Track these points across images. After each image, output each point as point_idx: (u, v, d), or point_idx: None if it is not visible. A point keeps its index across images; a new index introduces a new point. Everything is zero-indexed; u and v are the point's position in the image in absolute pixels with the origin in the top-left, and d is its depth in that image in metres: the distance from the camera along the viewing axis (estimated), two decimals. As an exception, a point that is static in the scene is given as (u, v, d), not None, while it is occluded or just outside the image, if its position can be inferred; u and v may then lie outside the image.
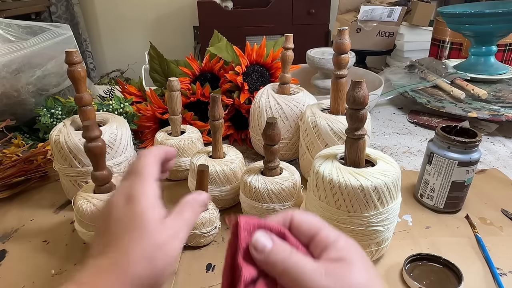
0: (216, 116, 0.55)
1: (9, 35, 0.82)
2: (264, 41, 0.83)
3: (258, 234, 0.27)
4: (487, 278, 0.46)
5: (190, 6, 2.71)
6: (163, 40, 2.72)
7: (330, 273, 0.25)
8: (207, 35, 1.29)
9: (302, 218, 0.29)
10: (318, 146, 0.61)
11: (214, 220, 0.53)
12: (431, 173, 0.57)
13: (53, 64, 0.82)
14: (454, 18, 1.07)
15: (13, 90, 0.77)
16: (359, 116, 0.42)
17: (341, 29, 0.57)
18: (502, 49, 1.20)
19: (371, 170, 0.44)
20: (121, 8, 2.76)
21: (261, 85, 0.80)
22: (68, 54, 0.51)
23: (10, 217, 0.61)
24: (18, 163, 0.66)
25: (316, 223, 0.29)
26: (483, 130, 0.87)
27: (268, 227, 0.28)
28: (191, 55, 0.83)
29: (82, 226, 0.50)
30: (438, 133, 0.56)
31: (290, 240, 0.28)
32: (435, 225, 0.56)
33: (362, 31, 1.63)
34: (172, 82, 0.63)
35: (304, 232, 0.29)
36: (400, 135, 0.87)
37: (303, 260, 0.26)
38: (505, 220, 0.57)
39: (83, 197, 0.50)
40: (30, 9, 2.37)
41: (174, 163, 0.37)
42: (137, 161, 0.33)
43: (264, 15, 2.27)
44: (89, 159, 0.56)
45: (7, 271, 0.50)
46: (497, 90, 0.99)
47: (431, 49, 1.38)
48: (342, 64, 0.58)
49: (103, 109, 0.74)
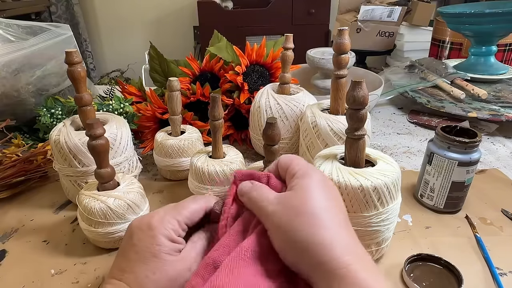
0: (216, 116, 0.55)
1: (9, 35, 0.82)
2: (264, 41, 0.83)
3: (244, 182, 0.35)
4: (487, 278, 0.46)
5: (190, 6, 2.71)
6: (163, 40, 2.72)
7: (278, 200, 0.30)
8: (207, 35, 1.29)
9: (282, 157, 0.35)
10: (318, 146, 0.61)
11: None
12: (431, 173, 0.57)
13: (53, 64, 0.82)
14: (454, 18, 1.07)
15: (13, 90, 0.77)
16: (359, 116, 0.42)
17: (341, 29, 0.57)
18: (502, 49, 1.20)
19: (371, 170, 0.44)
20: (121, 8, 2.76)
21: (261, 85, 0.80)
22: (68, 54, 0.51)
23: (10, 217, 0.61)
24: (18, 163, 0.66)
25: (288, 157, 0.34)
26: (483, 130, 0.87)
27: (257, 175, 0.35)
28: (191, 55, 0.83)
29: (90, 224, 0.50)
30: (438, 133, 0.56)
31: (271, 181, 0.35)
32: (435, 225, 0.56)
33: (362, 31, 1.63)
34: (172, 82, 0.63)
35: (282, 168, 0.34)
36: (400, 135, 0.87)
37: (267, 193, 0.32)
38: (505, 220, 0.57)
39: (88, 195, 0.50)
40: (30, 9, 2.37)
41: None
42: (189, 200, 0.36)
43: (264, 15, 2.27)
44: (89, 159, 0.57)
45: (7, 271, 0.50)
46: (497, 90, 0.99)
47: (431, 49, 1.38)
48: (342, 64, 0.58)
49: (103, 109, 0.74)
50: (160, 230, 0.32)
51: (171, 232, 0.32)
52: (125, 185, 0.52)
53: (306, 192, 0.30)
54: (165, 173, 0.70)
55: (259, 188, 0.33)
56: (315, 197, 0.29)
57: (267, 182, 0.34)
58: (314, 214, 0.28)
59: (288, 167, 0.33)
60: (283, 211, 0.29)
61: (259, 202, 0.31)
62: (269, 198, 0.31)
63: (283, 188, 0.34)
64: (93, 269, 0.49)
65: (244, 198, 0.33)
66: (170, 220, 0.33)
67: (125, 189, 0.51)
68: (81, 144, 0.56)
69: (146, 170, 0.74)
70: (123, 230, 0.51)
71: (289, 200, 0.30)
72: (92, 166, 0.57)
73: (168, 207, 0.35)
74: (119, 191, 0.51)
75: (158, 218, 0.33)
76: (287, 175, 0.33)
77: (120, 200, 0.50)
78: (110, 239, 0.51)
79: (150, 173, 0.73)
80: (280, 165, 0.34)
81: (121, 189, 0.51)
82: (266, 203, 0.31)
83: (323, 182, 0.31)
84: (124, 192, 0.51)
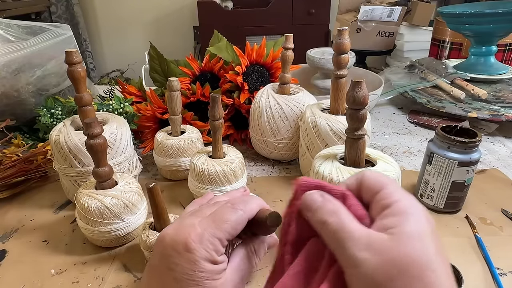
0: (216, 116, 0.55)
1: (9, 35, 0.82)
2: (264, 41, 0.83)
3: (310, 192, 0.26)
4: (487, 278, 0.46)
5: (190, 6, 2.71)
6: (163, 40, 2.72)
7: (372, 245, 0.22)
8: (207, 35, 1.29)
9: (370, 175, 0.26)
10: (318, 146, 0.61)
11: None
12: (431, 173, 0.57)
13: (53, 64, 0.82)
14: (454, 18, 1.07)
15: (13, 90, 0.77)
16: (359, 116, 0.42)
17: (341, 29, 0.57)
18: (502, 49, 1.20)
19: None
20: (121, 8, 2.76)
21: (261, 85, 0.80)
22: (68, 54, 0.51)
23: (10, 217, 0.61)
24: (18, 163, 0.66)
25: (381, 179, 0.26)
26: (483, 130, 0.87)
27: (328, 188, 0.26)
28: (191, 55, 0.83)
29: (87, 223, 0.50)
30: (438, 133, 0.56)
31: (349, 202, 0.25)
32: (435, 225, 0.56)
33: (362, 31, 1.63)
34: (172, 82, 0.63)
35: (369, 190, 0.26)
36: (400, 135, 0.87)
37: (349, 223, 0.23)
38: (505, 220, 0.57)
39: (86, 194, 0.50)
40: (30, 9, 2.37)
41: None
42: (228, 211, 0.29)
43: (264, 15, 2.27)
44: (89, 159, 0.57)
45: (7, 271, 0.50)
46: (497, 90, 0.99)
47: (431, 49, 1.38)
48: (342, 64, 0.58)
49: (103, 109, 0.74)
50: (201, 253, 0.26)
51: (213, 253, 0.27)
52: (123, 184, 0.52)
53: (414, 243, 0.22)
54: (165, 173, 0.70)
55: (336, 210, 0.24)
56: (427, 253, 0.22)
57: (343, 202, 0.25)
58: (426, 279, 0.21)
59: (379, 192, 0.25)
60: (380, 265, 0.21)
61: (338, 233, 0.23)
62: (355, 234, 0.23)
63: (366, 217, 0.24)
64: (93, 269, 0.49)
65: (312, 217, 0.25)
66: (210, 239, 0.27)
67: (122, 189, 0.51)
68: (81, 144, 0.56)
69: (146, 170, 0.74)
70: (120, 229, 0.51)
71: (389, 250, 0.21)
72: (92, 166, 0.57)
73: (204, 221, 0.28)
74: (117, 190, 0.51)
75: (196, 237, 0.27)
76: (376, 203, 0.25)
77: (117, 199, 0.50)
78: (107, 238, 0.51)
79: (150, 173, 0.73)
80: (367, 185, 0.26)
81: (119, 188, 0.51)
82: (351, 243, 0.22)
83: (431, 225, 0.24)
84: (121, 191, 0.51)
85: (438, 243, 0.23)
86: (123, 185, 0.52)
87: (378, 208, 0.24)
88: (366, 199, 0.26)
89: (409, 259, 0.21)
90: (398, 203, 0.24)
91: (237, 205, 0.29)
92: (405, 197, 0.24)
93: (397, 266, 0.21)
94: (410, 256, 0.21)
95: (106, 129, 0.58)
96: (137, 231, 0.54)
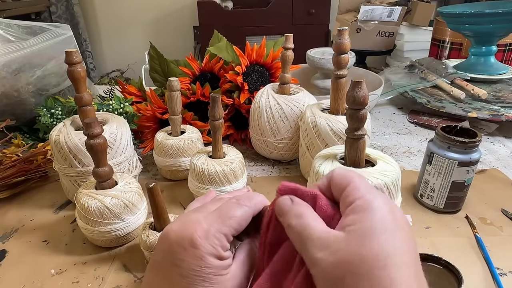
0: (216, 116, 0.55)
1: (9, 35, 0.82)
2: (264, 41, 0.83)
3: (282, 197, 0.27)
4: (487, 278, 0.46)
5: (190, 6, 2.71)
6: (163, 40, 2.72)
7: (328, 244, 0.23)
8: (207, 35, 1.29)
9: (337, 172, 0.27)
10: (318, 146, 0.61)
11: None
12: (431, 173, 0.57)
13: (53, 64, 0.82)
14: (454, 18, 1.07)
15: (13, 90, 0.77)
16: (359, 116, 0.42)
17: (341, 29, 0.57)
18: (502, 49, 1.20)
19: (371, 170, 0.44)
20: (121, 8, 2.76)
21: (261, 85, 0.80)
22: (68, 54, 0.51)
23: (10, 217, 0.61)
24: (18, 163, 0.66)
25: (347, 175, 0.26)
26: (483, 130, 0.87)
27: (300, 191, 0.27)
28: (191, 55, 0.83)
29: (87, 223, 0.50)
30: (438, 133, 0.56)
31: (319, 202, 0.26)
32: (435, 225, 0.56)
33: (362, 31, 1.63)
34: (172, 82, 0.63)
35: (337, 187, 0.26)
36: (400, 135, 0.87)
37: (312, 225, 0.24)
38: (505, 220, 0.57)
39: (86, 194, 0.50)
40: (30, 9, 2.37)
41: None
42: (234, 207, 0.29)
43: (264, 15, 2.27)
44: (89, 159, 0.57)
45: (7, 271, 0.50)
46: (497, 90, 0.99)
47: (431, 49, 1.38)
48: (342, 64, 0.58)
49: (103, 109, 0.74)
50: (207, 248, 0.26)
51: (219, 249, 0.27)
52: (123, 184, 0.52)
53: (366, 241, 0.22)
54: (165, 173, 0.70)
55: (301, 213, 0.25)
56: (379, 250, 0.21)
57: (314, 202, 0.26)
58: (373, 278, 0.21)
59: (344, 189, 0.25)
60: (333, 264, 0.22)
61: (301, 235, 0.24)
62: (314, 235, 0.23)
63: (335, 215, 0.25)
64: (93, 269, 0.49)
65: (283, 221, 0.26)
66: (216, 234, 0.27)
67: (122, 188, 0.51)
68: (81, 144, 0.56)
69: (146, 170, 0.74)
70: (120, 229, 0.51)
71: (343, 250, 0.22)
72: (92, 166, 0.57)
73: (210, 216, 0.28)
74: (117, 190, 0.51)
75: (202, 232, 0.27)
76: (342, 200, 0.25)
77: (117, 199, 0.50)
78: (107, 238, 0.51)
79: (150, 173, 0.73)
80: (335, 182, 0.26)
81: (119, 188, 0.51)
82: (311, 243, 0.23)
83: (397, 221, 0.23)
84: (121, 191, 0.51)
85: (402, 240, 0.23)
86: (123, 185, 0.52)
87: (344, 206, 0.25)
88: (335, 197, 0.26)
89: (358, 257, 0.21)
90: (360, 200, 0.24)
91: (242, 200, 0.29)
92: (369, 193, 0.24)
93: (347, 264, 0.21)
94: (359, 254, 0.21)
95: (106, 129, 0.58)
96: (137, 231, 0.54)
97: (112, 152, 0.59)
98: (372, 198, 0.24)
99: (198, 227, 0.27)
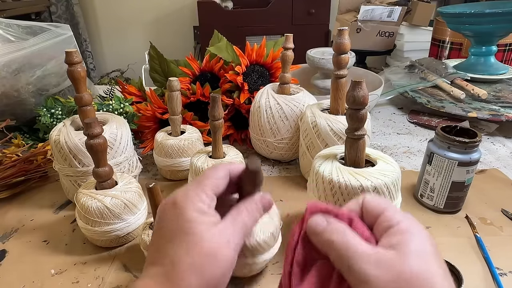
0: (216, 116, 0.55)
1: (9, 35, 0.82)
2: (264, 41, 0.83)
3: (315, 216, 0.27)
4: (487, 278, 0.46)
5: (190, 6, 2.71)
6: (163, 40, 2.72)
7: (380, 262, 0.23)
8: (207, 35, 1.29)
9: (369, 199, 0.28)
10: (318, 146, 0.61)
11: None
12: (431, 173, 0.57)
13: (53, 64, 0.82)
14: (454, 18, 1.07)
15: (13, 90, 0.77)
16: (359, 116, 0.42)
17: (341, 29, 0.57)
18: (502, 49, 1.20)
19: (371, 170, 0.44)
20: (121, 8, 2.76)
21: (261, 85, 0.80)
22: (68, 54, 0.51)
23: (10, 217, 0.61)
24: (18, 163, 0.66)
25: (382, 203, 0.27)
26: (483, 130, 0.87)
27: (334, 212, 0.27)
28: (191, 55, 0.83)
29: (87, 223, 0.50)
30: (438, 133, 0.56)
31: (356, 225, 0.26)
32: (435, 225, 0.56)
33: (362, 31, 1.63)
34: (172, 82, 0.63)
35: (370, 214, 0.27)
36: (400, 135, 0.87)
37: (355, 242, 0.25)
38: (505, 220, 0.57)
39: (86, 194, 0.50)
40: (30, 9, 2.37)
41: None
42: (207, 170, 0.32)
43: (264, 15, 2.27)
44: (89, 159, 0.57)
45: (7, 271, 0.50)
46: (497, 90, 0.99)
47: (431, 49, 1.38)
48: (342, 64, 0.58)
49: (103, 109, 0.74)
50: (187, 204, 0.28)
51: (199, 204, 0.29)
52: (123, 184, 0.52)
53: (418, 259, 0.23)
54: (165, 173, 0.70)
55: (341, 231, 0.26)
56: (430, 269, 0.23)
57: (349, 224, 0.27)
58: None
59: (381, 215, 0.26)
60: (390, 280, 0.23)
61: (345, 252, 0.24)
62: (361, 252, 0.24)
63: (371, 238, 0.26)
64: (93, 269, 0.49)
65: (318, 240, 0.26)
66: (194, 191, 0.29)
67: (122, 188, 0.51)
68: (81, 144, 0.56)
69: (146, 170, 0.74)
70: (120, 229, 0.51)
71: (396, 265, 0.23)
72: (92, 166, 0.57)
73: (190, 184, 0.31)
74: (117, 190, 0.51)
75: (182, 194, 0.29)
76: (379, 225, 0.26)
77: (117, 199, 0.50)
78: (107, 238, 0.51)
79: (150, 173, 0.73)
80: (368, 209, 0.27)
81: (119, 188, 0.51)
82: (359, 260, 0.24)
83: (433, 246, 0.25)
84: (121, 191, 0.51)
85: (440, 262, 0.24)
86: (123, 185, 0.52)
87: (382, 229, 0.26)
88: (368, 222, 0.27)
89: (414, 274, 0.23)
90: (401, 224, 0.25)
91: (219, 165, 0.33)
92: (407, 218, 0.26)
93: (404, 280, 0.22)
94: (414, 271, 0.23)
95: (106, 129, 0.58)
96: (137, 231, 0.54)
97: (112, 152, 0.59)
98: (411, 223, 0.26)
99: (179, 192, 0.30)
